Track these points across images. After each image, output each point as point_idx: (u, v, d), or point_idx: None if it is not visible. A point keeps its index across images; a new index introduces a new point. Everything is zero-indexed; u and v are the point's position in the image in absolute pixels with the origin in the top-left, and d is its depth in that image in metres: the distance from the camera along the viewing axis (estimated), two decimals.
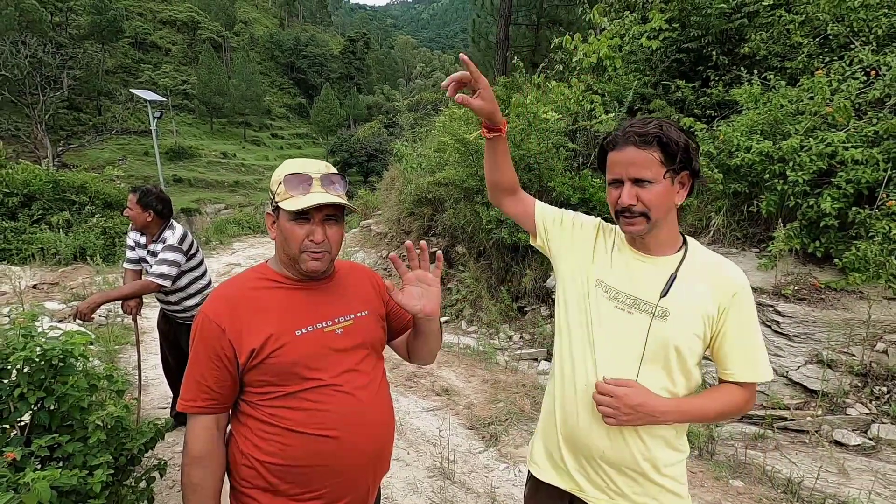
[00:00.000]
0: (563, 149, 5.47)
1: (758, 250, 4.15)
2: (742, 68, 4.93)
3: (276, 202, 1.13)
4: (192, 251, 2.84)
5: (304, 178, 1.11)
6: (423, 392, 3.95)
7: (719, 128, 4.43)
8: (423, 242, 1.16)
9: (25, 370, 1.71)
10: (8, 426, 1.74)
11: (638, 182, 1.08)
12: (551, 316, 5.23)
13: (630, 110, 5.65)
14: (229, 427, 1.19)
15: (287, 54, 59.94)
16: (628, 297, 1.15)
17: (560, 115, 5.45)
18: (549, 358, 4.85)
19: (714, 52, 5.44)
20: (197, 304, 2.87)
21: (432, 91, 39.69)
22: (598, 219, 1.34)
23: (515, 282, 5.74)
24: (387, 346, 1.35)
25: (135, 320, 2.95)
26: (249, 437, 1.12)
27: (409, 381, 4.10)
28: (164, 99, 14.42)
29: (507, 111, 6.55)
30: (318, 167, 1.15)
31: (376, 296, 1.32)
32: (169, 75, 44.51)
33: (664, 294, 1.12)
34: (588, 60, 6.41)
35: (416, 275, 1.16)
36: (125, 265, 2.94)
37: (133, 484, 2.02)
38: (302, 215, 1.10)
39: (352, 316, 1.21)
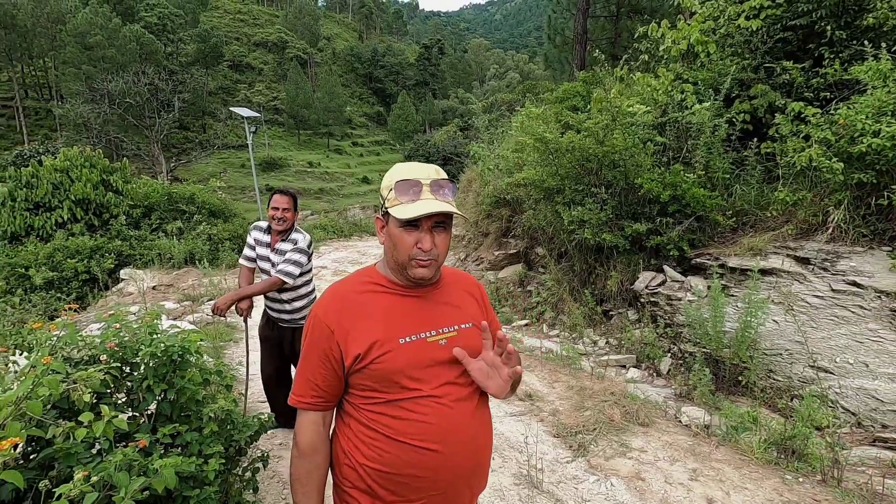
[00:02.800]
0: (651, 143, 5.14)
1: (890, 248, 3.62)
2: (865, 42, 4.34)
3: (386, 207, 1.13)
4: (313, 256, 3.07)
5: (413, 184, 1.10)
6: None
7: (838, 111, 3.93)
8: (501, 333, 1.12)
9: (151, 364, 1.89)
10: (138, 414, 1.94)
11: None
12: (639, 321, 4.93)
13: (727, 98, 5.18)
14: (333, 424, 1.23)
15: (366, 65, 62.57)
16: None
17: (647, 108, 5.13)
18: (638, 365, 4.58)
19: (829, 27, 4.84)
20: (302, 308, 3.05)
21: (506, 91, 39.43)
22: None
23: (599, 284, 5.49)
24: None
25: (245, 321, 3.17)
26: (351, 438, 1.15)
27: None
28: (258, 114, 15.61)
29: (588, 107, 6.31)
30: (428, 172, 1.14)
31: (479, 308, 1.29)
32: (261, 93, 48.30)
33: None
34: (677, 48, 5.99)
35: (492, 360, 1.15)
36: (241, 261, 3.16)
37: (240, 473, 2.17)
38: (411, 222, 1.10)
39: (456, 327, 1.19)
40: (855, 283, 3.56)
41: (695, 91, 5.38)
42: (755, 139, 4.97)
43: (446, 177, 1.17)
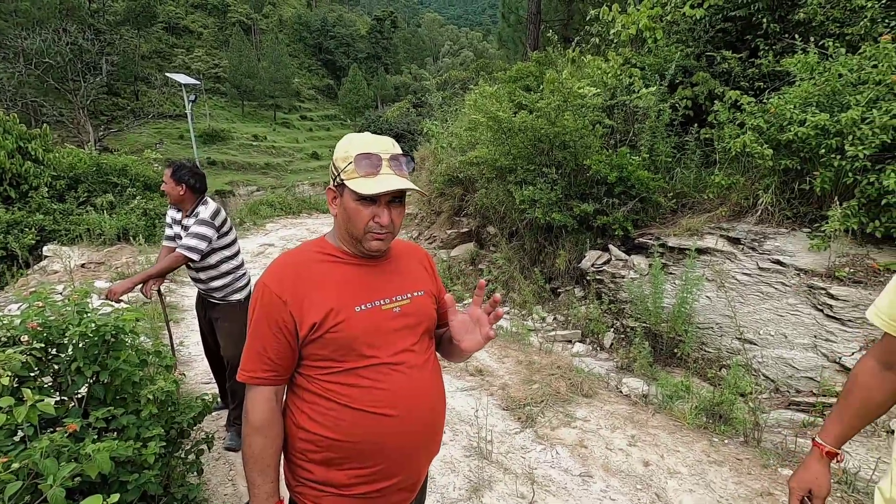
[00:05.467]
0: (600, 125, 5.28)
1: (809, 230, 3.94)
2: (796, 36, 4.61)
3: (343, 180, 1.10)
4: (225, 229, 2.82)
5: (373, 157, 1.09)
6: (456, 372, 3.96)
7: (770, 100, 4.18)
8: (497, 296, 1.15)
9: (80, 345, 1.77)
10: (67, 398, 1.82)
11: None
12: (585, 298, 5.13)
13: (672, 84, 5.39)
14: (285, 399, 1.20)
15: (315, 35, 59.88)
16: None
17: (598, 90, 5.24)
18: (583, 340, 4.78)
19: (765, 20, 5.11)
20: (227, 285, 2.87)
21: (461, 69, 39.06)
22: None
23: (548, 263, 5.64)
24: None
25: (160, 294, 2.99)
26: (305, 411, 1.13)
27: (442, 360, 4.11)
28: (197, 82, 14.66)
29: (541, 87, 6.36)
30: (386, 146, 1.13)
31: (429, 276, 1.31)
32: (201, 59, 45.23)
33: None
34: (626, 32, 6.14)
35: (479, 316, 1.17)
36: (163, 242, 2.99)
37: (183, 456, 2.09)
38: (370, 197, 1.09)
39: (409, 295, 1.20)
40: (779, 262, 3.86)
41: (642, 76, 5.55)
42: (696, 125, 5.22)
43: (403, 151, 1.16)
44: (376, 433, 1.09)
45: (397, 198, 1.12)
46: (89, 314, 1.84)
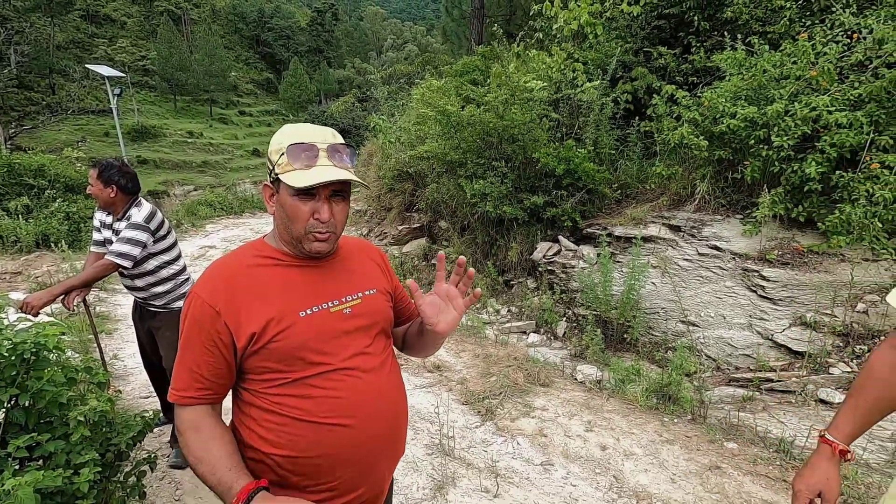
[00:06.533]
0: (547, 119, 5.37)
1: (742, 216, 4.19)
2: (724, 33, 4.88)
3: (277, 174, 1.01)
4: (162, 232, 2.61)
5: (308, 147, 0.99)
6: (414, 369, 3.91)
7: (703, 94, 4.40)
8: (462, 258, 1.08)
9: None
10: None
11: None
12: (538, 289, 5.22)
13: (613, 78, 5.56)
14: (230, 418, 1.11)
15: (251, 27, 57.31)
16: None
17: (544, 84, 5.33)
18: (537, 330, 4.86)
19: (696, 17, 5.38)
20: (168, 292, 2.67)
21: (405, 63, 38.72)
22: None
23: (501, 255, 5.70)
24: None
25: (85, 305, 2.75)
26: (254, 429, 1.03)
27: (398, 358, 4.04)
28: (122, 74, 13.62)
29: (487, 81, 6.39)
30: (324, 135, 1.03)
31: (383, 273, 1.23)
32: (126, 50, 42.13)
33: None
34: (569, 28, 6.27)
35: (448, 290, 1.10)
36: (91, 248, 2.74)
37: (122, 480, 1.92)
38: (307, 191, 0.99)
39: (359, 294, 1.12)
40: (716, 248, 4.08)
41: (585, 70, 5.70)
42: (637, 118, 5.42)
43: (344, 141, 1.07)
44: (333, 445, 1.01)
45: (339, 192, 1.03)
46: (3, 331, 1.64)
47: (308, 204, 1.00)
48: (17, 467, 1.53)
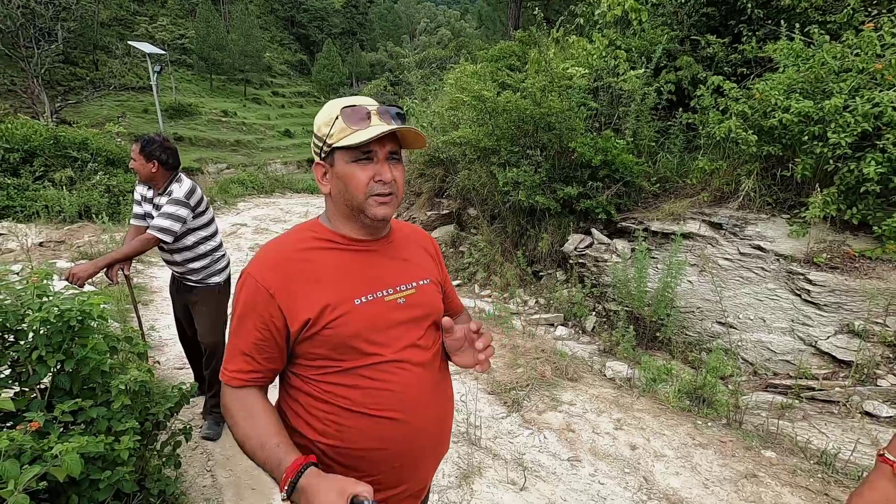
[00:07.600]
0: (585, 107, 5.21)
1: (789, 216, 3.99)
2: (780, 22, 4.62)
3: (332, 144, 0.98)
4: (201, 208, 2.65)
5: (361, 110, 0.97)
6: None
7: (755, 86, 4.18)
8: (477, 325, 1.07)
9: (42, 332, 1.61)
10: (28, 389, 1.66)
11: None
12: (567, 281, 5.13)
13: (656, 68, 5.35)
14: (277, 399, 1.10)
15: (287, 8, 57.62)
16: None
17: (584, 71, 5.17)
18: (565, 323, 4.78)
19: (749, 5, 5.10)
20: (204, 267, 2.71)
21: (438, 48, 38.34)
22: None
23: (531, 246, 5.61)
24: None
25: (126, 277, 2.81)
26: (302, 415, 1.01)
27: None
28: (163, 52, 13.92)
29: (524, 67, 6.25)
30: (371, 101, 1.02)
31: (435, 263, 1.20)
32: (166, 28, 42.93)
33: None
34: (612, 13, 6.04)
35: (467, 334, 1.08)
36: (131, 221, 2.80)
37: (159, 449, 1.97)
38: (365, 155, 0.97)
39: (414, 284, 1.08)
40: (759, 248, 3.91)
41: (627, 58, 5.49)
42: (679, 109, 5.21)
43: (394, 103, 1.06)
44: (380, 438, 0.99)
45: (395, 155, 1.01)
46: (51, 298, 1.68)
47: (367, 168, 0.98)
48: (61, 431, 1.58)
